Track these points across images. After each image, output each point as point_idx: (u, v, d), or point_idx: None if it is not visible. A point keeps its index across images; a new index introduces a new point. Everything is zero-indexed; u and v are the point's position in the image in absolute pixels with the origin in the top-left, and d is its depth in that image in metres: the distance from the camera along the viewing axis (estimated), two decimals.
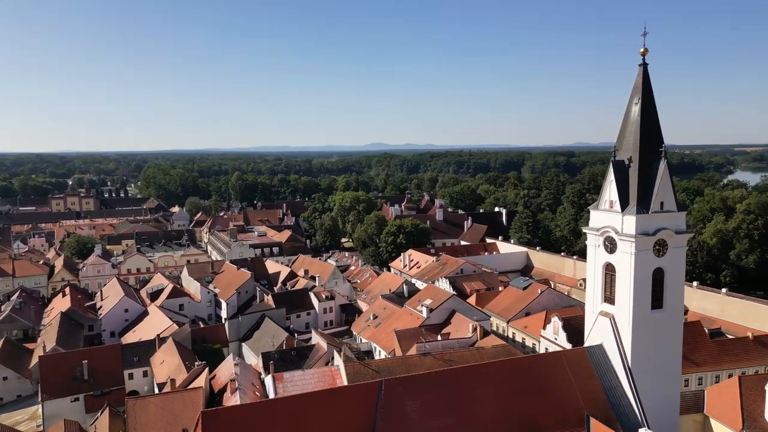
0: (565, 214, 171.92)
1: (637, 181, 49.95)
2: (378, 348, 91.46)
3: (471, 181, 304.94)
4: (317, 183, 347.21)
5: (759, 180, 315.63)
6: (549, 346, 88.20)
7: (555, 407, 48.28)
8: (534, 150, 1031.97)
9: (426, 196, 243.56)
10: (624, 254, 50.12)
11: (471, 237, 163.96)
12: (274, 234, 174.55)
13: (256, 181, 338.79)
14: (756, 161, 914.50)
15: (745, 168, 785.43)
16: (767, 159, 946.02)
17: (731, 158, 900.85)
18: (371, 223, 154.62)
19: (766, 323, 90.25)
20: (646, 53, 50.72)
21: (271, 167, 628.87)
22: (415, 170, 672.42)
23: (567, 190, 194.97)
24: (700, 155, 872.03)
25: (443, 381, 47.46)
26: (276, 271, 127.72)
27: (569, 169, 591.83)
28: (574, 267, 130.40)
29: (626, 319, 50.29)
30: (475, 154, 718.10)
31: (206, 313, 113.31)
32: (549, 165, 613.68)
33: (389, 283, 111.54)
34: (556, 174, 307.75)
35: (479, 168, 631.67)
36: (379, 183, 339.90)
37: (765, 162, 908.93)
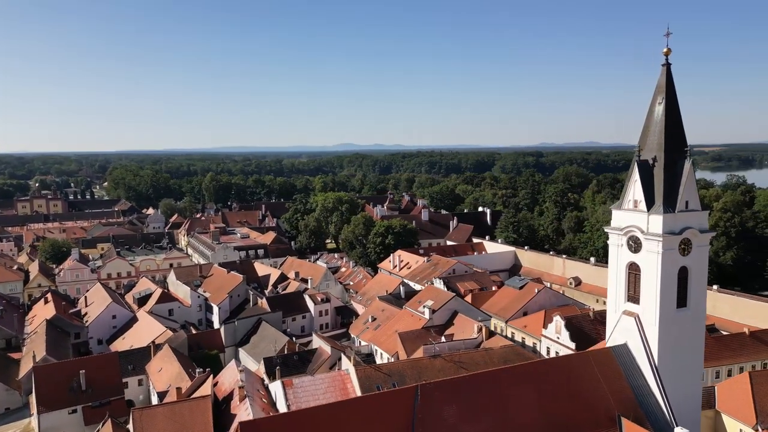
0: (548, 213, 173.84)
1: (662, 180, 50.20)
2: (380, 350, 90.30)
3: (448, 181, 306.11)
4: (293, 184, 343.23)
5: (725, 179, 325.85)
6: (551, 346, 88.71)
7: (586, 408, 48.11)
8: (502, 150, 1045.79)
9: (406, 196, 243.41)
10: (650, 253, 50.29)
11: (457, 237, 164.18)
12: (257, 236, 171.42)
13: (230, 182, 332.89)
14: (714, 161, 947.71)
15: (704, 168, 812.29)
16: (725, 159, 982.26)
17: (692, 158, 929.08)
18: (358, 224, 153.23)
19: (758, 319, 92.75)
20: (669, 53, 51.07)
21: (242, 168, 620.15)
22: (388, 170, 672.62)
23: (549, 189, 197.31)
24: None
25: (477, 384, 46.73)
26: (265, 273, 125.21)
27: (539, 169, 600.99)
28: (564, 266, 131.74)
29: (652, 318, 50.48)
30: (447, 155, 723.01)
31: (196, 318, 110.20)
32: (519, 165, 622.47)
33: (385, 285, 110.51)
34: (531, 174, 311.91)
35: (451, 168, 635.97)
36: (356, 183, 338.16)
37: (723, 162, 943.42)
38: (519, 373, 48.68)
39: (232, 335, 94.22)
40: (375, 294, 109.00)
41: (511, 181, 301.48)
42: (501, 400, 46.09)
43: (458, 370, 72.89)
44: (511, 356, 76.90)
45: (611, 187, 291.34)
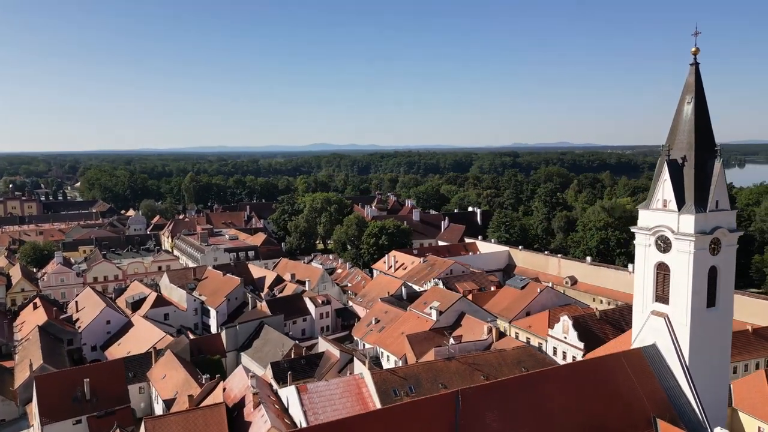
0: (538, 213, 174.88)
1: (693, 179, 50.15)
2: (386, 353, 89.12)
3: (432, 181, 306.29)
4: (274, 184, 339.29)
5: None
6: (557, 346, 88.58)
7: (623, 410, 47.76)
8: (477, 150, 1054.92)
9: (392, 196, 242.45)
10: (681, 253, 50.18)
11: (449, 237, 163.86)
12: (246, 237, 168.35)
13: (210, 183, 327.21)
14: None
15: None
16: None
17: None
18: (351, 224, 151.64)
19: (755, 316, 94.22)
20: (698, 53, 51.05)
21: (218, 168, 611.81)
22: (366, 170, 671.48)
23: (539, 189, 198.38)
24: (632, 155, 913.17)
25: (516, 388, 45.94)
26: (260, 276, 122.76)
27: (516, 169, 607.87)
28: (559, 265, 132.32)
29: (683, 318, 50.40)
30: (425, 155, 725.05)
31: (192, 323, 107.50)
32: (496, 165, 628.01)
33: (385, 286, 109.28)
34: (513, 174, 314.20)
35: (430, 168, 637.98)
36: (338, 184, 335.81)
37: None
38: (556, 375, 48.06)
39: (234, 340, 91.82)
40: (376, 296, 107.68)
41: (494, 181, 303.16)
42: (540, 403, 45.37)
43: (473, 372, 72.32)
44: (523, 357, 76.66)
45: (592, 186, 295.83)
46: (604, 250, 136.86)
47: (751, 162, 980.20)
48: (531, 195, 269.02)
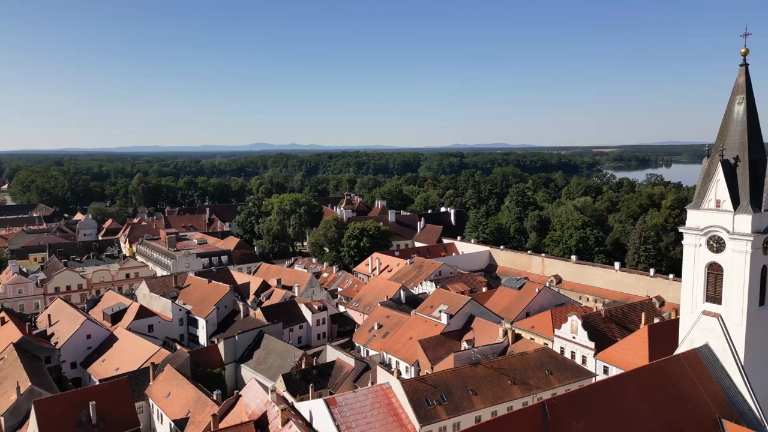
0: (510, 213, 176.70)
1: (747, 180, 50.53)
2: (395, 359, 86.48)
3: (391, 182, 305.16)
4: (228, 185, 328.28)
5: (644, 177, 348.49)
6: (565, 346, 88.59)
7: (692, 413, 47.44)
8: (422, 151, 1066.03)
9: (357, 197, 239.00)
10: (736, 253, 50.44)
11: (425, 238, 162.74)
12: (216, 241, 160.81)
13: (160, 184, 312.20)
14: (615, 161, 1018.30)
15: (608, 167, 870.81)
16: (625, 159, 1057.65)
17: (596, 158, 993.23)
18: (330, 226, 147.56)
19: None
20: (747, 53, 51.55)
21: (159, 169, 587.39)
22: (315, 171, 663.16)
23: (511, 190, 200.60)
24: (571, 156, 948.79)
25: (594, 396, 44.64)
26: (244, 282, 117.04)
27: (463, 169, 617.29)
28: (543, 264, 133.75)
29: (738, 317, 50.70)
30: (374, 155, 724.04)
31: (178, 334, 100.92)
32: (444, 165, 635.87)
33: (381, 290, 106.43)
34: (471, 174, 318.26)
35: (379, 168, 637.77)
36: (295, 185, 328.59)
37: (623, 161, 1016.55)
38: (627, 380, 47.09)
39: (233, 351, 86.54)
40: (372, 300, 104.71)
41: (452, 181, 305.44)
42: (620, 410, 44.27)
43: (500, 377, 70.93)
44: (545, 359, 75.94)
45: (546, 186, 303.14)
46: (582, 248, 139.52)
47: (676, 162, 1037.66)
48: (489, 195, 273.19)
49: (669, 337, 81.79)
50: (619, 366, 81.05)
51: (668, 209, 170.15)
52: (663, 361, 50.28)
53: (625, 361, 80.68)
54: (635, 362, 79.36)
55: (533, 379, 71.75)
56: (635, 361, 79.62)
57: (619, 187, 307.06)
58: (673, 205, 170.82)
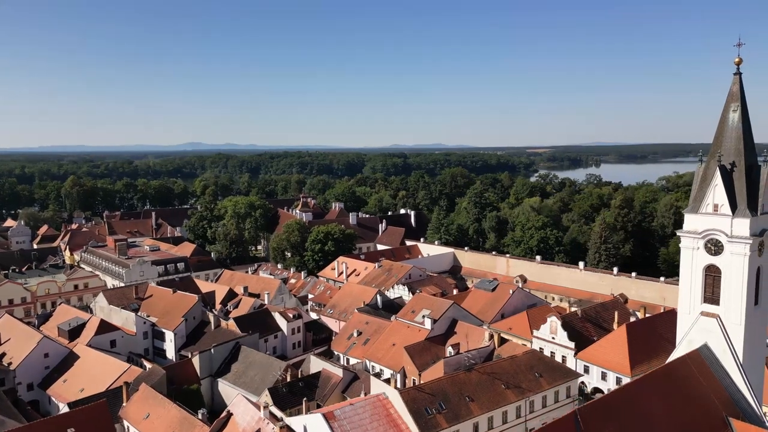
0: (468, 214, 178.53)
1: (744, 184, 52.39)
2: (379, 367, 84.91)
3: (341, 183, 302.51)
4: (170, 188, 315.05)
5: (579, 177, 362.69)
6: (544, 346, 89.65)
7: (703, 413, 48.62)
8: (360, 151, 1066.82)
9: (311, 199, 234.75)
10: (734, 256, 52.09)
11: (388, 240, 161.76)
12: (169, 248, 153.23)
13: (96, 187, 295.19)
14: (549, 161, 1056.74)
15: (543, 167, 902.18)
16: (558, 159, 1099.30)
17: (531, 159, 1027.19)
18: (292, 230, 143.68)
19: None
20: (741, 62, 53.44)
21: (89, 170, 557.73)
22: (256, 171, 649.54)
23: (468, 192, 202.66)
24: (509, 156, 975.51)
25: (619, 401, 44.95)
26: (209, 290, 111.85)
27: (407, 170, 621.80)
28: (507, 265, 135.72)
29: (737, 317, 52.40)
30: (317, 155, 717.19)
31: (143, 348, 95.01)
32: (388, 166, 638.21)
33: (357, 296, 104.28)
34: (420, 175, 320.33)
35: (323, 169, 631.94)
36: (242, 186, 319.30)
37: (556, 161, 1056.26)
38: (644, 385, 47.64)
39: (208, 365, 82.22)
40: (347, 306, 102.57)
41: (403, 182, 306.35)
42: (642, 416, 44.75)
43: (493, 382, 70.85)
44: (534, 362, 76.48)
45: (493, 186, 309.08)
46: (543, 248, 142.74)
47: (604, 162, 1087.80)
48: (439, 195, 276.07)
49: (645, 335, 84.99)
50: (599, 365, 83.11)
51: (617, 209, 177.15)
52: (672, 364, 51.29)
53: (605, 359, 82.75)
54: (616, 361, 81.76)
55: (525, 382, 72.13)
56: (616, 359, 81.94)
57: (561, 186, 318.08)
58: (621, 204, 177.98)
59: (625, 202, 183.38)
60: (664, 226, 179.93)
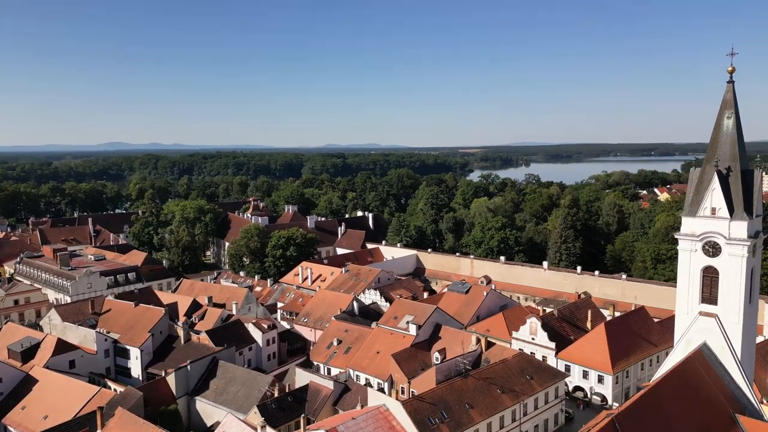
0: (425, 215, 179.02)
1: (741, 189, 54.58)
2: (364, 376, 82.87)
3: (286, 185, 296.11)
4: (101, 191, 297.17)
5: (524, 177, 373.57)
6: (524, 347, 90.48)
7: (714, 412, 50.17)
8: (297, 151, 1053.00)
9: (259, 202, 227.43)
10: (732, 257, 54.20)
11: (348, 244, 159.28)
12: (116, 256, 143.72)
13: (18, 191, 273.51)
14: (482, 161, 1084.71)
15: (477, 167, 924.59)
16: (490, 159, 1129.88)
17: (465, 159, 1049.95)
18: (251, 235, 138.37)
19: (663, 302, 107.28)
20: (734, 71, 55.68)
21: (3, 172, 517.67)
22: (189, 172, 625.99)
23: (423, 193, 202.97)
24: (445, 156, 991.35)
25: (649, 404, 45.34)
26: (170, 301, 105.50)
27: (346, 170, 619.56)
28: (472, 266, 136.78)
29: (735, 316, 54.53)
30: (254, 156, 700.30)
31: (104, 367, 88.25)
32: (327, 166, 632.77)
33: (332, 302, 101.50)
34: (368, 176, 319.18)
35: (260, 170, 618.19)
36: (180, 189, 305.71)
37: (489, 161, 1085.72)
38: (664, 386, 48.47)
39: (185, 383, 77.25)
40: (323, 314, 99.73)
41: (350, 183, 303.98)
42: (668, 418, 45.51)
43: (489, 387, 70.60)
44: (524, 365, 76.92)
45: (438, 186, 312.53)
46: (504, 248, 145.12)
47: (533, 162, 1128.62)
48: (387, 196, 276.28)
49: (622, 333, 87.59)
50: (581, 364, 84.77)
51: (566, 208, 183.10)
52: (682, 365, 52.50)
53: (586, 358, 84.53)
54: (597, 359, 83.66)
55: (518, 386, 72.38)
56: (597, 358, 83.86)
57: (503, 186, 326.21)
58: (570, 204, 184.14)
59: (573, 202, 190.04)
60: (609, 224, 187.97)
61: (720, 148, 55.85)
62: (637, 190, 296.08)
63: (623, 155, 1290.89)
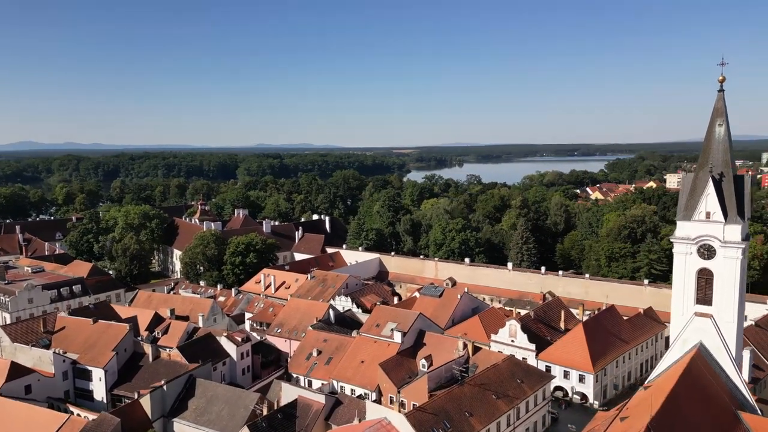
0: (382, 218, 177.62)
1: (733, 193, 56.85)
2: (350, 387, 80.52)
3: (228, 187, 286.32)
4: (23, 195, 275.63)
5: (465, 178, 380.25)
6: (503, 350, 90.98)
7: (720, 410, 51.79)
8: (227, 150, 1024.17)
9: (199, 206, 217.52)
10: (727, 259, 56.32)
11: (307, 248, 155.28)
12: (55, 267, 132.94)
13: None
14: (418, 161, 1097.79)
15: (413, 167, 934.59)
16: (425, 159, 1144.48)
17: (402, 159, 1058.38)
18: (208, 242, 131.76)
19: (625, 299, 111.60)
20: (724, 80, 57.96)
21: None
22: (115, 174, 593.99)
23: (374, 195, 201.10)
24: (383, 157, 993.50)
25: (673, 409, 46.10)
26: (129, 316, 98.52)
27: (284, 171, 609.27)
28: (436, 268, 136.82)
29: (730, 315, 56.69)
30: (185, 156, 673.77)
31: (62, 391, 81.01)
32: (263, 167, 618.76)
33: (306, 311, 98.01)
34: (313, 177, 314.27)
35: (192, 171, 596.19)
36: (113, 193, 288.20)
37: (424, 162, 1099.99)
38: (681, 389, 49.45)
39: (160, 405, 72.02)
40: (297, 324, 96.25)
41: (294, 185, 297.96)
42: (687, 420, 46.42)
43: (485, 393, 70.24)
44: (513, 369, 77.19)
45: (383, 188, 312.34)
46: (465, 250, 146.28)
47: (466, 162, 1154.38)
48: (334, 198, 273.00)
49: (599, 333, 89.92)
50: (562, 364, 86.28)
51: (518, 209, 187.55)
52: (689, 366, 53.87)
53: (567, 359, 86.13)
54: (577, 359, 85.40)
55: (511, 390, 72.49)
56: (577, 358, 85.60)
57: (447, 187, 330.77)
58: (521, 205, 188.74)
59: (523, 203, 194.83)
60: (557, 223, 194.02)
61: (713, 155, 57.82)
62: (575, 190, 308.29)
63: (549, 155, 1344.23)
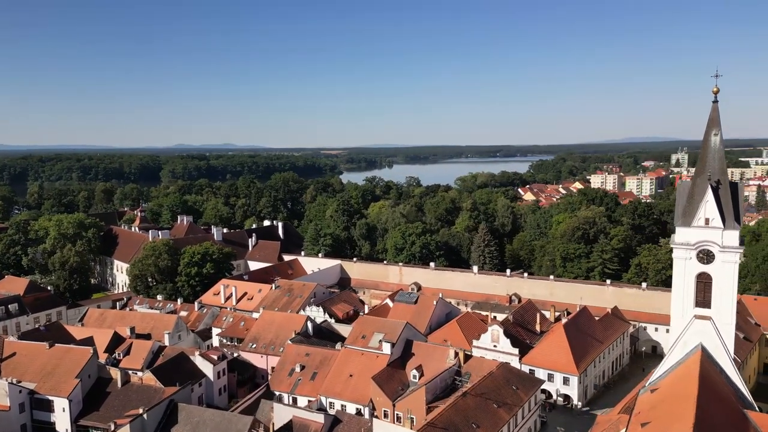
0: (336, 222, 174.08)
1: (730, 200, 59.32)
2: (340, 402, 77.51)
3: (160, 191, 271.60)
4: None
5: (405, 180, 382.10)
6: (486, 355, 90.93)
7: (730, 410, 53.66)
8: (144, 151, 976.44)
9: (138, 213, 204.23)
10: (726, 264, 58.71)
11: (262, 256, 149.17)
12: None
13: None
14: (348, 162, 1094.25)
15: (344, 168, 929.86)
16: (355, 161, 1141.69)
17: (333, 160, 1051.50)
18: (160, 252, 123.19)
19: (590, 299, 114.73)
20: (718, 92, 60.47)
21: None
22: (22, 178, 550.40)
23: (333, 201, 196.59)
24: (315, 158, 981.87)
25: (700, 416, 46.91)
26: (84, 336, 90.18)
27: (212, 173, 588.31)
28: (401, 273, 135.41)
29: (728, 317, 59.11)
30: (103, 158, 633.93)
31: (19, 425, 72.60)
32: (190, 169, 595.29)
33: (281, 324, 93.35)
34: (251, 180, 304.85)
35: (112, 173, 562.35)
36: (30, 199, 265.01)
37: (354, 163, 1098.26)
38: (704, 392, 50.60)
39: None
40: (273, 338, 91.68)
41: (231, 188, 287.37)
42: (716, 422, 47.58)
43: (486, 403, 69.73)
44: (508, 375, 77.29)
45: (324, 190, 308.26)
46: (426, 254, 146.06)
47: (395, 163, 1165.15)
48: (276, 202, 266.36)
49: (578, 334, 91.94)
50: (546, 367, 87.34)
51: (469, 211, 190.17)
52: (702, 368, 55.35)
53: (551, 361, 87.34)
54: (561, 361, 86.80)
55: (509, 398, 72.38)
56: (561, 360, 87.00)
57: (388, 189, 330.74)
58: (472, 207, 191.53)
59: (473, 205, 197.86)
60: (504, 225, 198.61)
61: (709, 163, 60.12)
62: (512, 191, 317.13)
63: (474, 156, 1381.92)
